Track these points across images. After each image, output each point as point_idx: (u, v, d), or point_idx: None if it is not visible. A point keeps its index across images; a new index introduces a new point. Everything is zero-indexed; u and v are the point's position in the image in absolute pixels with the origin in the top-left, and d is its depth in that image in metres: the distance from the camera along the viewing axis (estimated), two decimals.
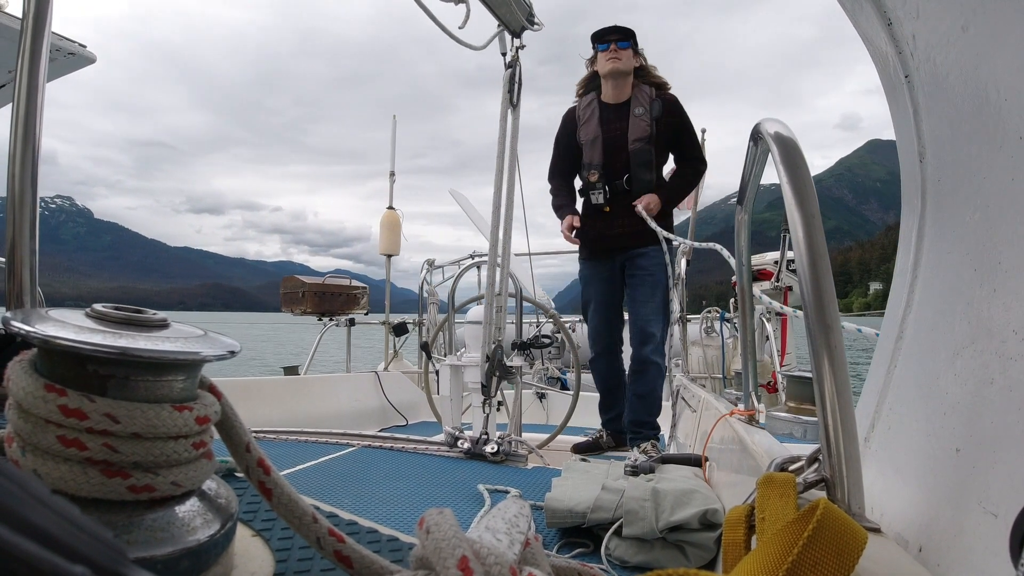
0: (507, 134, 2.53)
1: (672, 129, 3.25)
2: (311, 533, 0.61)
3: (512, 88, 2.53)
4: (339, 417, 3.99)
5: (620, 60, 3.20)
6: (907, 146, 1.07)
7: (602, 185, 3.27)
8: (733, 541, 0.73)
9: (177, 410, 0.55)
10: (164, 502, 0.56)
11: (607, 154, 3.27)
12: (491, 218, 2.54)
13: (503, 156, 2.52)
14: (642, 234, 3.17)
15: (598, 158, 3.28)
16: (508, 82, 2.54)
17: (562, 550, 1.49)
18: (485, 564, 0.43)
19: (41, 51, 1.03)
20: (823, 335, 0.77)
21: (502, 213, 2.54)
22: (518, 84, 2.54)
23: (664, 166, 3.34)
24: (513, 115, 2.53)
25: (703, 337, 6.43)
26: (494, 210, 2.53)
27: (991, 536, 0.66)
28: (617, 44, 3.21)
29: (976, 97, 0.83)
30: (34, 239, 1.01)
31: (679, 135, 3.29)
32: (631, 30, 3.28)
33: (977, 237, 0.84)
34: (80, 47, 3.00)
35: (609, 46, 3.22)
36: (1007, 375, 0.71)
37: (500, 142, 2.53)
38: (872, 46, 1.13)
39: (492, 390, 2.60)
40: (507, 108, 2.54)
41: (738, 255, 1.55)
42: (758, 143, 1.15)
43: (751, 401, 1.59)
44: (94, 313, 0.57)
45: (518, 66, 2.54)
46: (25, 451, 0.52)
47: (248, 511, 0.87)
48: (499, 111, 2.56)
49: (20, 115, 1.00)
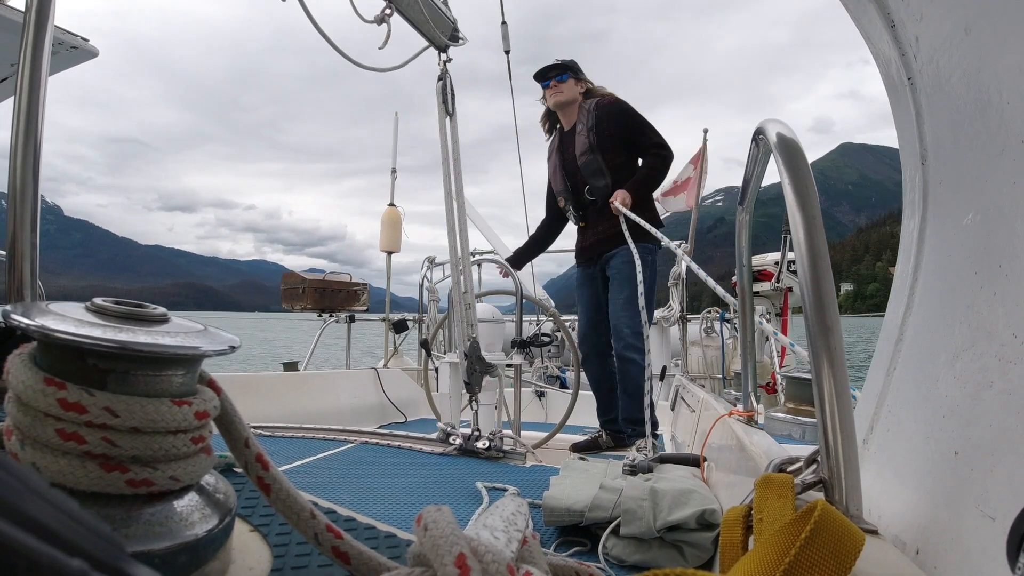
0: (448, 141, 2.68)
1: (614, 129, 3.39)
2: (309, 529, 0.61)
3: (446, 99, 2.68)
4: (338, 413, 3.99)
5: (561, 93, 3.51)
6: (909, 148, 1.07)
7: (570, 207, 3.58)
8: (730, 541, 0.74)
9: (176, 405, 0.55)
10: (163, 496, 0.56)
11: (567, 177, 3.56)
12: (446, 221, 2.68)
13: (447, 162, 2.67)
14: (615, 237, 3.29)
15: (560, 185, 3.60)
16: (441, 93, 2.69)
17: (559, 548, 1.49)
18: (483, 562, 0.43)
19: (44, 44, 1.03)
20: (823, 336, 0.77)
21: (455, 217, 2.65)
22: (451, 94, 2.69)
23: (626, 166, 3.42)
24: (451, 124, 2.70)
25: (703, 337, 6.43)
26: (447, 213, 2.66)
27: (989, 539, 0.66)
28: (556, 79, 3.52)
29: (979, 100, 0.83)
30: (35, 233, 1.01)
31: (625, 131, 3.40)
32: (569, 62, 3.56)
33: (978, 240, 0.84)
34: (83, 41, 2.99)
35: (550, 83, 3.54)
36: (1006, 379, 0.72)
37: (443, 149, 2.69)
38: (875, 48, 1.13)
39: (475, 386, 2.67)
40: (444, 117, 2.69)
41: (738, 255, 1.55)
42: (760, 144, 1.15)
43: (750, 402, 1.59)
44: (94, 307, 0.57)
45: (448, 78, 2.70)
46: (24, 444, 0.52)
47: (246, 506, 0.87)
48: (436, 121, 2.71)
49: (22, 108, 1.00)
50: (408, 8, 2.42)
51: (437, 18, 2.57)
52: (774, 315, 7.09)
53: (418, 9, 2.45)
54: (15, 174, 1.00)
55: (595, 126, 3.39)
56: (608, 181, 3.38)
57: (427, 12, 2.49)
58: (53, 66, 1.16)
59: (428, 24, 2.52)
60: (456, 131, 2.71)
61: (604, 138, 3.38)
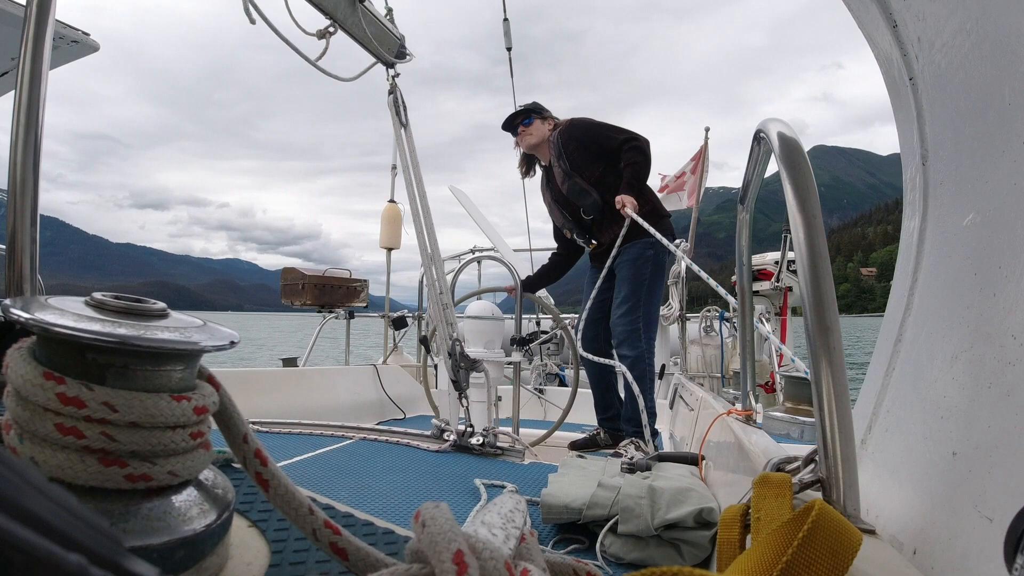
0: (406, 150, 2.78)
1: (578, 148, 3.47)
2: (307, 525, 0.61)
3: (399, 111, 2.79)
4: (337, 409, 3.99)
5: (531, 135, 3.63)
6: (910, 149, 1.07)
7: (574, 235, 3.70)
8: (728, 540, 0.74)
9: (175, 400, 0.55)
10: (161, 491, 0.56)
11: (562, 209, 3.66)
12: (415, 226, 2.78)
13: (408, 170, 2.77)
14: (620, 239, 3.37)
15: (559, 218, 3.73)
16: (393, 106, 2.80)
17: (557, 546, 1.49)
18: (480, 558, 0.43)
19: (44, 39, 1.03)
20: (822, 336, 0.77)
21: (422, 221, 2.75)
22: (403, 107, 2.80)
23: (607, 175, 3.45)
24: (407, 134, 2.80)
25: (702, 336, 6.43)
26: (414, 219, 2.75)
27: (986, 540, 0.66)
28: (523, 123, 3.66)
29: (980, 100, 0.83)
30: (35, 227, 1.01)
31: (590, 145, 3.47)
32: (531, 105, 3.72)
33: (978, 241, 0.84)
34: (84, 35, 2.99)
35: (518, 130, 3.68)
36: (1005, 380, 0.72)
37: (401, 159, 2.79)
38: (877, 48, 1.13)
39: (462, 383, 2.71)
40: (399, 129, 2.79)
41: (739, 255, 1.55)
42: (760, 143, 1.15)
43: (749, 401, 1.59)
44: (93, 302, 0.57)
45: (398, 91, 2.80)
46: (23, 438, 0.52)
47: (245, 502, 0.87)
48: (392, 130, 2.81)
49: (23, 102, 1.00)
50: (352, 26, 2.48)
51: (382, 35, 2.65)
52: (773, 314, 7.09)
53: (361, 27, 2.51)
54: (15, 168, 1.00)
55: (563, 153, 3.49)
56: (595, 196, 3.44)
57: (371, 30, 2.56)
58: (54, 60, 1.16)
59: (372, 43, 2.59)
60: (412, 140, 2.81)
61: (575, 160, 3.46)
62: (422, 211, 2.74)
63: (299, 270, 5.57)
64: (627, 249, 3.34)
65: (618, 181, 3.38)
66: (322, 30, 2.36)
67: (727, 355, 5.72)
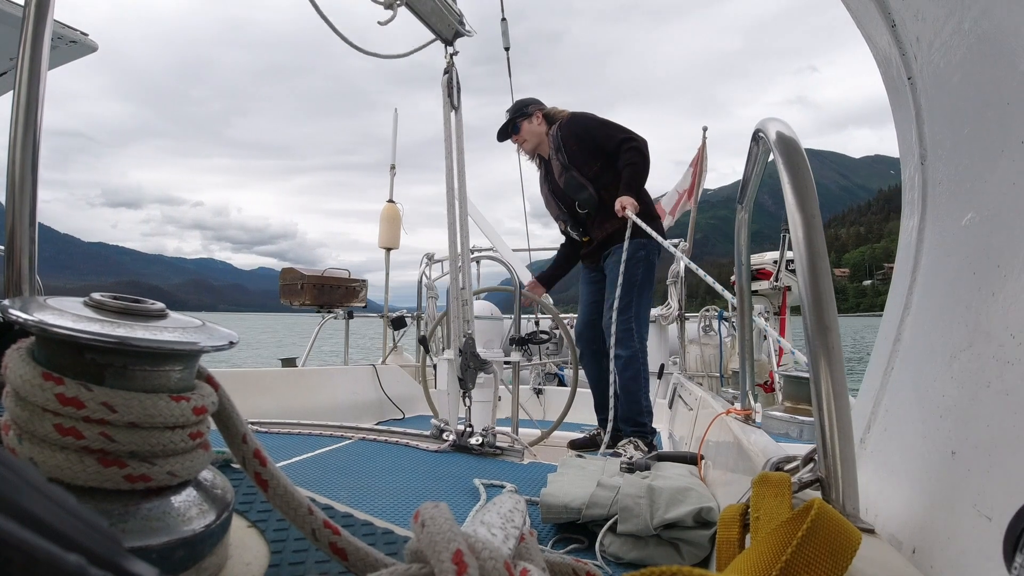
0: (452, 136, 2.67)
1: (577, 144, 3.48)
2: (306, 525, 0.61)
3: (451, 92, 2.68)
4: (336, 410, 3.99)
5: (525, 140, 3.69)
6: (908, 148, 1.07)
7: (569, 228, 3.72)
8: (727, 539, 0.74)
9: (174, 400, 0.55)
10: (160, 492, 0.56)
11: (558, 201, 3.69)
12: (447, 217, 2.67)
13: (451, 156, 2.66)
14: (614, 235, 3.41)
15: (555, 210, 3.75)
16: (447, 87, 2.69)
17: (557, 546, 1.49)
18: (480, 558, 0.43)
19: (43, 39, 1.03)
20: (821, 336, 0.77)
21: (456, 212, 2.65)
22: (456, 88, 2.69)
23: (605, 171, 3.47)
24: (456, 118, 2.69)
25: (700, 335, 6.43)
26: (448, 209, 2.65)
27: (985, 539, 0.66)
28: (512, 132, 3.72)
29: (979, 100, 0.83)
30: (34, 227, 1.01)
31: (588, 141, 3.48)
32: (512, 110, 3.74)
33: (977, 240, 0.84)
34: (82, 35, 2.98)
35: (511, 139, 3.76)
36: (1004, 379, 0.72)
37: (447, 144, 2.67)
38: (875, 47, 1.13)
39: (469, 383, 2.69)
40: (449, 111, 2.68)
41: (737, 254, 1.55)
42: (759, 143, 1.15)
43: (748, 400, 1.59)
44: (92, 302, 0.57)
45: (454, 71, 2.69)
46: (22, 439, 0.52)
47: (244, 502, 0.87)
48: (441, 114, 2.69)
49: (21, 103, 1.00)
50: (417, 1, 2.41)
51: (442, 13, 2.56)
52: (772, 314, 7.10)
53: (426, 1, 2.43)
54: (14, 168, 1.00)
55: (561, 147, 3.51)
56: (591, 191, 3.47)
57: (432, 5, 2.47)
58: (52, 61, 1.16)
59: (433, 16, 2.51)
60: (461, 126, 2.69)
61: (573, 155, 3.49)
62: (459, 203, 2.67)
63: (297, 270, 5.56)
64: (617, 250, 3.36)
65: (615, 178, 3.39)
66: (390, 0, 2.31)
67: (726, 354, 5.72)
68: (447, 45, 2.70)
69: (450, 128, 2.68)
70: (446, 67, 2.71)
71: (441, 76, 2.71)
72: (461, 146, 2.69)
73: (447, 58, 2.71)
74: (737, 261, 1.57)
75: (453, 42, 2.71)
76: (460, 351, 2.69)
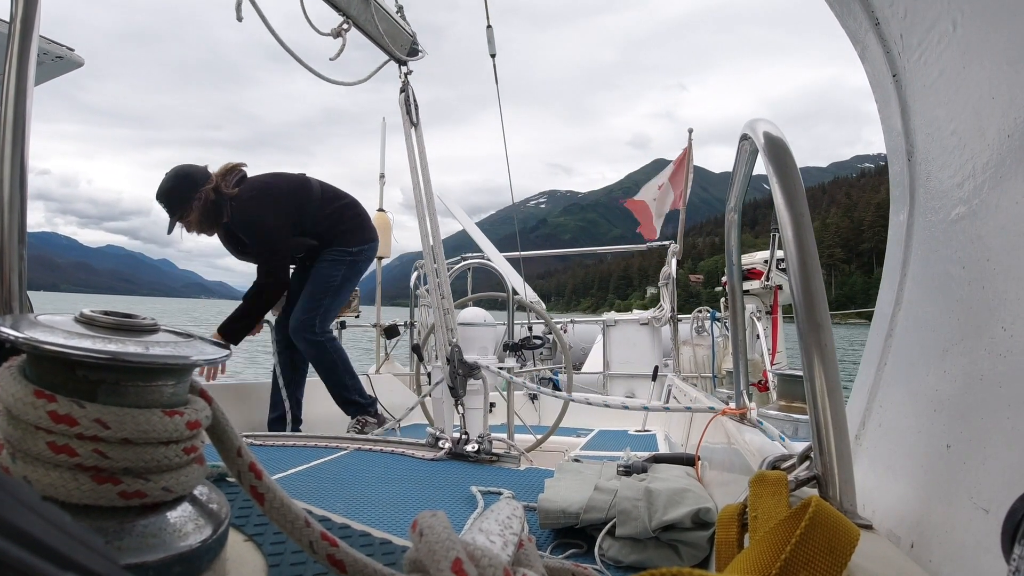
0: (415, 151, 2.74)
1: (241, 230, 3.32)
2: (304, 537, 0.61)
3: (410, 110, 2.75)
4: (330, 421, 3.98)
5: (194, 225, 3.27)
6: (895, 144, 1.08)
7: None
8: (726, 540, 0.74)
9: (168, 415, 0.55)
10: (155, 508, 0.55)
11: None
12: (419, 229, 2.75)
13: (416, 171, 2.73)
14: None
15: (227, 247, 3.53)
16: (404, 105, 2.76)
17: (555, 551, 1.49)
18: (479, 566, 0.43)
19: (29, 55, 1.03)
20: (814, 334, 0.77)
21: (427, 225, 2.72)
22: (414, 105, 2.75)
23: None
24: (417, 133, 2.75)
25: (693, 336, 6.45)
26: (420, 221, 2.72)
27: (983, 531, 0.67)
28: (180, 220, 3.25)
29: (964, 95, 0.84)
30: (23, 245, 1.01)
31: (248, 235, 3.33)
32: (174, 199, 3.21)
33: (966, 234, 0.84)
34: (68, 50, 2.98)
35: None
36: (996, 371, 0.72)
37: (411, 159, 2.75)
38: (860, 45, 1.14)
39: (459, 390, 2.71)
40: (409, 128, 2.76)
41: (728, 254, 1.55)
42: (747, 143, 1.15)
43: (742, 400, 1.60)
44: (83, 318, 0.56)
45: (410, 89, 2.76)
46: (15, 458, 0.52)
47: (240, 516, 0.86)
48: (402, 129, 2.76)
49: (8, 119, 1.00)
50: (365, 23, 2.47)
51: (395, 32, 2.63)
52: (764, 313, 7.12)
53: (374, 24, 2.50)
54: (2, 184, 0.99)
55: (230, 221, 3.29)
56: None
57: (383, 27, 2.54)
58: (38, 76, 1.15)
59: (384, 39, 2.58)
60: (422, 141, 2.75)
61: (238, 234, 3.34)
62: (428, 214, 2.71)
63: None
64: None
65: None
66: (336, 28, 2.33)
67: (719, 355, 5.74)
68: (401, 65, 2.77)
69: (412, 143, 2.74)
70: (402, 86, 2.77)
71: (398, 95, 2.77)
72: (425, 161, 2.74)
73: (402, 78, 2.78)
74: (728, 262, 1.57)
75: (406, 63, 2.78)
76: (448, 360, 2.70)
